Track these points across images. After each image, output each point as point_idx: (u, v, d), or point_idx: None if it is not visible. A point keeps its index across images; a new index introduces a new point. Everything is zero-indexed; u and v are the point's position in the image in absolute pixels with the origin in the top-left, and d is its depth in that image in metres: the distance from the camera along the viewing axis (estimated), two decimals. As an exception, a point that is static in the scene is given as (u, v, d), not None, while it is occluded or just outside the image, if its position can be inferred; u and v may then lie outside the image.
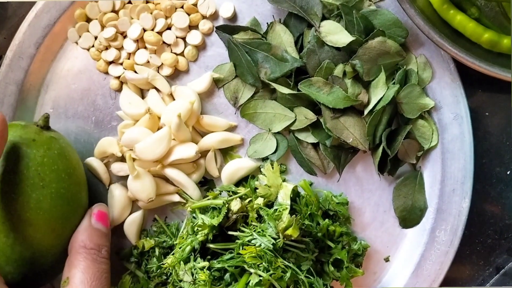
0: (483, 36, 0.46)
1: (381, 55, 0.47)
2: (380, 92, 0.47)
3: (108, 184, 0.54)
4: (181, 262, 0.46)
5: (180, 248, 0.47)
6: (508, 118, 0.52)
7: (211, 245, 0.46)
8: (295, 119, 0.50)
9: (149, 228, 0.54)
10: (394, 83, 0.48)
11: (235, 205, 0.47)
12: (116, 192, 0.53)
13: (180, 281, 0.45)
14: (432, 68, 0.49)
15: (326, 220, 0.48)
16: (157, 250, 0.50)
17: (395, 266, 0.52)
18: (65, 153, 0.47)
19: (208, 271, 0.45)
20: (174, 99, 0.52)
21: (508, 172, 0.52)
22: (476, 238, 0.54)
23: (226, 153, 0.53)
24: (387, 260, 0.52)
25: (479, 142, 0.51)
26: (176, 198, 0.52)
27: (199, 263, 0.45)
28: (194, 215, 0.50)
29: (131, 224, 0.53)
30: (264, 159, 0.52)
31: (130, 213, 0.53)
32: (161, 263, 0.49)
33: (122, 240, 0.54)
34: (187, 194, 0.52)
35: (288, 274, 0.44)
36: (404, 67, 0.48)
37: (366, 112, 0.48)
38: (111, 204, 0.53)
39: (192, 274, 0.45)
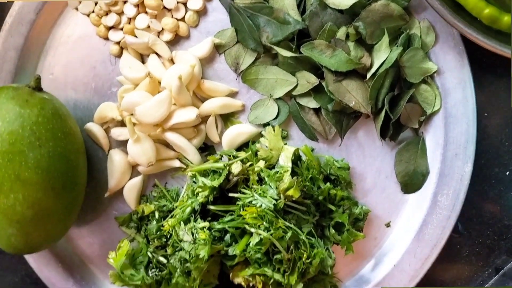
0: (484, 11, 0.46)
1: (384, 18, 0.47)
2: (383, 55, 0.47)
3: (108, 150, 0.53)
4: (181, 223, 0.45)
5: (180, 209, 0.46)
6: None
7: (212, 207, 0.46)
8: (297, 84, 0.49)
9: (149, 194, 0.53)
10: (397, 47, 0.48)
11: (236, 167, 0.47)
12: (116, 157, 0.52)
13: (180, 241, 0.45)
14: (435, 33, 0.49)
15: (328, 183, 0.48)
16: (157, 214, 0.50)
17: (396, 232, 0.52)
18: (59, 112, 0.47)
19: (209, 231, 0.44)
20: (174, 64, 0.51)
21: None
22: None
23: (227, 119, 0.52)
24: (388, 225, 0.52)
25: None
26: (176, 163, 0.52)
27: (199, 223, 0.45)
28: (194, 179, 0.50)
29: (131, 189, 0.52)
30: (265, 125, 0.51)
31: (130, 179, 0.53)
32: (161, 224, 0.48)
33: (122, 206, 0.54)
34: (187, 159, 0.51)
35: (288, 234, 0.43)
36: (407, 31, 0.48)
37: (368, 75, 0.48)
38: (110, 169, 0.53)
39: (193, 234, 0.44)
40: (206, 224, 0.45)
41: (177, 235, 0.45)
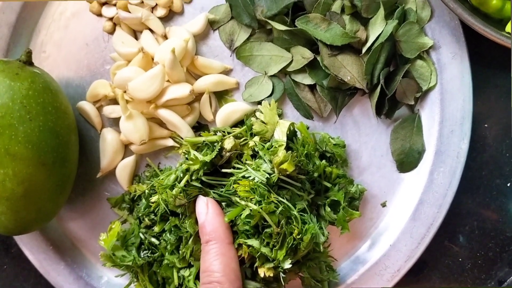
0: None
1: (379, -9, 0.46)
2: (378, 28, 0.46)
3: (100, 129, 0.53)
4: (167, 190, 0.45)
5: (165, 177, 0.46)
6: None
7: (203, 177, 0.45)
8: (292, 60, 0.49)
9: (142, 173, 0.53)
10: (392, 20, 0.47)
11: (229, 143, 0.46)
12: (108, 136, 0.51)
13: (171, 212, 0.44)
14: (431, 7, 0.48)
15: (323, 161, 0.47)
16: (146, 192, 0.49)
17: (392, 211, 0.51)
18: (50, 87, 0.46)
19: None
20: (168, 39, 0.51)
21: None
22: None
23: (221, 97, 0.52)
24: (384, 205, 0.51)
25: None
26: (169, 142, 0.51)
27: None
28: (187, 156, 0.49)
29: (123, 169, 0.52)
30: (260, 103, 0.51)
31: (123, 159, 0.52)
32: (149, 200, 0.48)
33: (114, 187, 0.53)
34: (180, 139, 0.51)
35: (280, 209, 0.42)
36: (403, 6, 0.48)
37: (364, 50, 0.47)
38: (103, 148, 0.52)
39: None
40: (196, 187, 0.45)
41: (164, 203, 0.45)
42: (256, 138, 0.48)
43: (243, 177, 0.45)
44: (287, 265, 0.43)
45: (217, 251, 0.41)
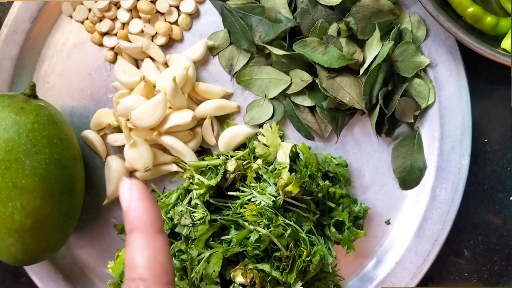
0: (468, 8, 0.46)
1: (374, 13, 0.47)
2: (375, 49, 0.47)
3: (105, 156, 0.54)
4: (174, 209, 0.45)
5: (165, 197, 0.47)
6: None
7: (211, 200, 0.46)
8: (291, 83, 0.50)
9: (147, 199, 0.53)
10: (389, 41, 0.48)
11: (231, 164, 0.47)
12: (113, 164, 0.52)
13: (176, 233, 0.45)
14: (426, 26, 0.49)
15: (326, 181, 0.47)
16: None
17: (397, 229, 0.51)
18: (55, 119, 0.47)
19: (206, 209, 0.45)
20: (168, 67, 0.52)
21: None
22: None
23: (223, 121, 0.53)
24: (388, 223, 0.52)
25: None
26: (173, 167, 0.52)
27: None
28: (191, 181, 0.50)
29: (129, 195, 0.52)
30: (261, 125, 0.51)
31: (128, 185, 0.53)
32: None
33: (121, 214, 0.54)
34: (184, 163, 0.51)
35: (288, 232, 0.43)
36: (398, 26, 0.48)
37: (361, 71, 0.48)
38: (108, 176, 0.52)
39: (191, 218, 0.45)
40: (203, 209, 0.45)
41: (172, 223, 0.45)
42: (259, 161, 0.49)
43: (249, 200, 0.45)
44: (298, 287, 0.43)
45: (141, 243, 0.33)
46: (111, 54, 0.53)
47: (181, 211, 0.45)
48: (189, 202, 0.46)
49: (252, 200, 0.45)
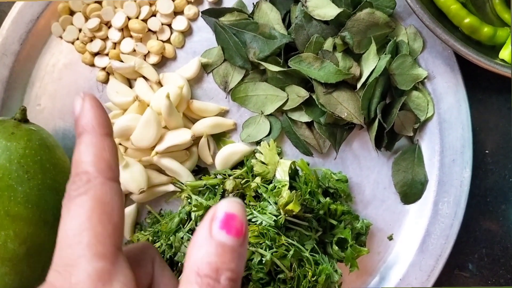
0: (464, 19, 0.46)
1: (370, 27, 0.46)
2: (371, 63, 0.46)
3: (100, 178, 0.52)
4: (175, 234, 0.44)
5: (168, 221, 0.46)
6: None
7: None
8: (287, 99, 0.49)
9: (143, 220, 0.52)
10: (385, 55, 0.47)
11: (229, 184, 0.46)
12: (108, 186, 0.51)
13: (176, 262, 0.44)
14: (422, 38, 0.48)
15: (327, 198, 0.46)
16: (150, 239, 0.49)
17: (400, 244, 0.50)
18: (47, 143, 0.46)
19: None
20: (162, 87, 0.51)
21: None
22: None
23: (219, 139, 0.52)
24: (390, 238, 0.51)
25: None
26: (170, 188, 0.51)
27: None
28: (189, 201, 0.49)
29: (125, 219, 0.51)
30: (258, 143, 0.50)
31: (123, 208, 0.52)
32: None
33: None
34: (181, 183, 0.50)
35: (291, 252, 0.42)
36: (395, 39, 0.48)
37: (359, 85, 0.47)
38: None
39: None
40: None
41: (168, 248, 0.44)
42: (258, 179, 0.48)
43: (250, 221, 0.44)
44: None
45: (88, 143, 0.34)
46: (103, 74, 0.52)
47: (182, 238, 0.44)
48: (191, 228, 0.45)
49: (253, 220, 0.44)
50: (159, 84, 0.51)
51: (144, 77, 0.51)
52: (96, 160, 0.33)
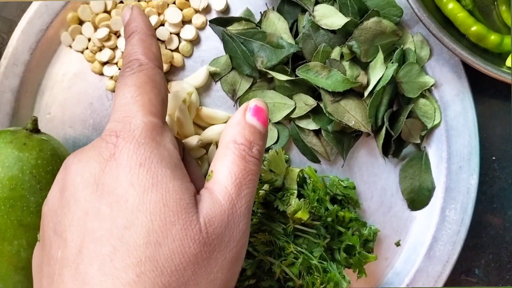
0: (471, 28, 0.46)
1: (377, 35, 0.47)
2: (379, 72, 0.47)
3: (110, 186, 0.53)
4: None
5: None
6: None
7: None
8: (295, 107, 0.49)
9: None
10: (392, 63, 0.47)
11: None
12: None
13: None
14: (429, 46, 0.49)
15: (335, 205, 0.47)
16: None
17: (407, 250, 0.51)
18: (58, 153, 0.47)
19: None
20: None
21: None
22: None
23: (227, 146, 0.52)
24: (398, 244, 0.51)
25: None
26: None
27: None
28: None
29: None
30: (266, 150, 0.51)
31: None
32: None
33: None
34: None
35: (300, 260, 0.43)
36: (401, 47, 0.48)
37: (366, 93, 0.47)
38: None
39: None
40: None
41: None
42: (266, 186, 0.48)
43: (259, 229, 0.45)
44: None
45: (138, 39, 0.41)
46: (111, 83, 0.52)
47: None
48: None
49: (262, 228, 0.45)
50: (168, 92, 0.52)
51: (153, 86, 0.52)
52: (146, 51, 0.40)
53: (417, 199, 0.50)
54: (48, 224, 0.35)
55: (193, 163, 0.45)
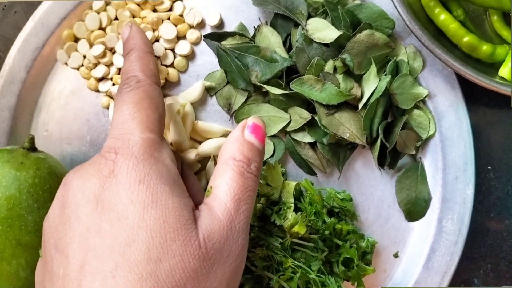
0: (463, 38, 0.46)
1: (370, 48, 0.47)
2: (372, 84, 0.47)
3: (108, 202, 0.53)
4: None
5: None
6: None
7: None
8: (290, 120, 0.49)
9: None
10: (385, 75, 0.48)
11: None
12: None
13: None
14: (422, 57, 0.49)
15: (332, 218, 0.47)
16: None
17: (405, 261, 0.51)
18: (55, 171, 0.47)
19: None
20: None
21: None
22: None
23: (224, 160, 0.52)
24: (396, 256, 0.51)
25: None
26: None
27: None
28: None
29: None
30: (263, 164, 0.51)
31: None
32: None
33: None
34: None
35: (298, 275, 0.43)
36: (394, 58, 0.48)
37: (360, 106, 0.48)
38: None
39: None
40: None
41: None
42: (263, 200, 0.48)
43: (257, 244, 0.45)
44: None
45: (136, 56, 0.42)
46: (107, 99, 0.53)
47: None
48: None
49: (259, 243, 0.45)
50: (164, 108, 0.52)
51: (148, 102, 0.52)
52: (144, 68, 0.41)
53: (414, 210, 0.50)
54: (49, 240, 0.36)
55: (192, 177, 0.46)
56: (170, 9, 0.52)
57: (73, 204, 0.35)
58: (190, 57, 0.52)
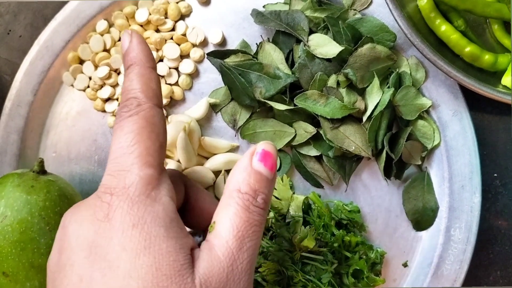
0: (465, 48, 0.47)
1: (372, 61, 0.47)
2: (375, 97, 0.47)
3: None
4: None
5: None
6: None
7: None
8: (295, 134, 0.50)
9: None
10: (388, 87, 0.48)
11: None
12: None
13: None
14: (424, 68, 0.49)
15: (341, 230, 0.47)
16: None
17: (414, 271, 0.51)
18: (66, 193, 0.48)
19: None
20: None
21: None
22: None
23: (231, 176, 0.53)
24: (405, 265, 0.51)
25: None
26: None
27: None
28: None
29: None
30: (270, 177, 0.51)
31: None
32: None
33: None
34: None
35: (308, 288, 0.43)
36: (397, 70, 0.49)
37: (364, 118, 0.48)
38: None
39: None
40: None
41: None
42: (271, 214, 0.49)
43: (266, 258, 0.45)
44: None
45: (137, 73, 0.38)
46: (113, 120, 0.53)
47: None
48: None
49: (269, 258, 0.45)
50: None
51: (154, 121, 0.53)
52: (144, 88, 0.37)
53: (422, 219, 0.50)
54: (49, 284, 0.35)
55: (202, 192, 0.43)
56: (173, 29, 0.53)
57: (68, 250, 0.34)
58: (194, 75, 0.53)
